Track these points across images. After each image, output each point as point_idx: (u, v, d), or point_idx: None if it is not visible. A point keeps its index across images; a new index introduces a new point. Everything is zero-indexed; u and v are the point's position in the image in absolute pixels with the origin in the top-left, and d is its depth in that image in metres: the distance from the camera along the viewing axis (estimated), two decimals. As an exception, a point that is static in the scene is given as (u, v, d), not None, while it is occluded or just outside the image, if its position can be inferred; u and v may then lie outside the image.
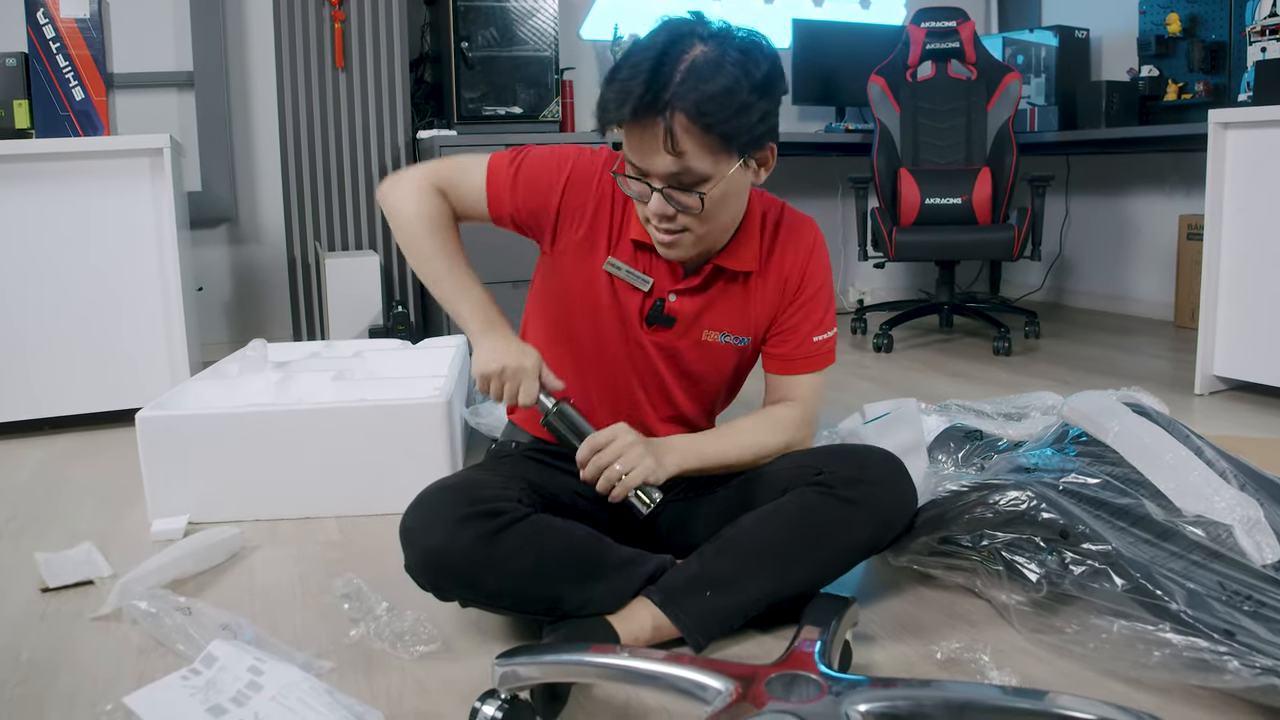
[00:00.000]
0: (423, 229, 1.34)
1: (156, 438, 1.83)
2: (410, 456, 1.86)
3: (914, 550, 1.47)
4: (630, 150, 1.23)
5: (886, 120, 3.78)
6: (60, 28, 2.57)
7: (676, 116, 1.17)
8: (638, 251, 1.38)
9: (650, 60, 1.17)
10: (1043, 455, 1.52)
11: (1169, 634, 1.17)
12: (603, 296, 1.39)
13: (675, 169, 1.21)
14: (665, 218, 1.26)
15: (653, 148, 1.20)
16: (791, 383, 1.44)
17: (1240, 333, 2.69)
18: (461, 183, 1.39)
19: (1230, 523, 1.32)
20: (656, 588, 1.27)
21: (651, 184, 1.23)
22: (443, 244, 1.35)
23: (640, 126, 1.19)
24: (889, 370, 3.22)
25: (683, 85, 1.16)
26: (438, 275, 1.35)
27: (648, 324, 1.40)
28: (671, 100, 1.16)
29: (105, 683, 1.25)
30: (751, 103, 1.19)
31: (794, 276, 1.42)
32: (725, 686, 1.00)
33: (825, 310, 1.44)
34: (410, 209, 1.35)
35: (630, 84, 1.17)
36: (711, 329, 1.41)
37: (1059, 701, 0.96)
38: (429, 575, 1.23)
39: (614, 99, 1.19)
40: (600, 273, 1.38)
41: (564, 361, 1.43)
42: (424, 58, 3.78)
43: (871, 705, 0.96)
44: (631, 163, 1.24)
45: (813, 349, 1.43)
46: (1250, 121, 2.63)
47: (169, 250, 2.62)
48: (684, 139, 1.18)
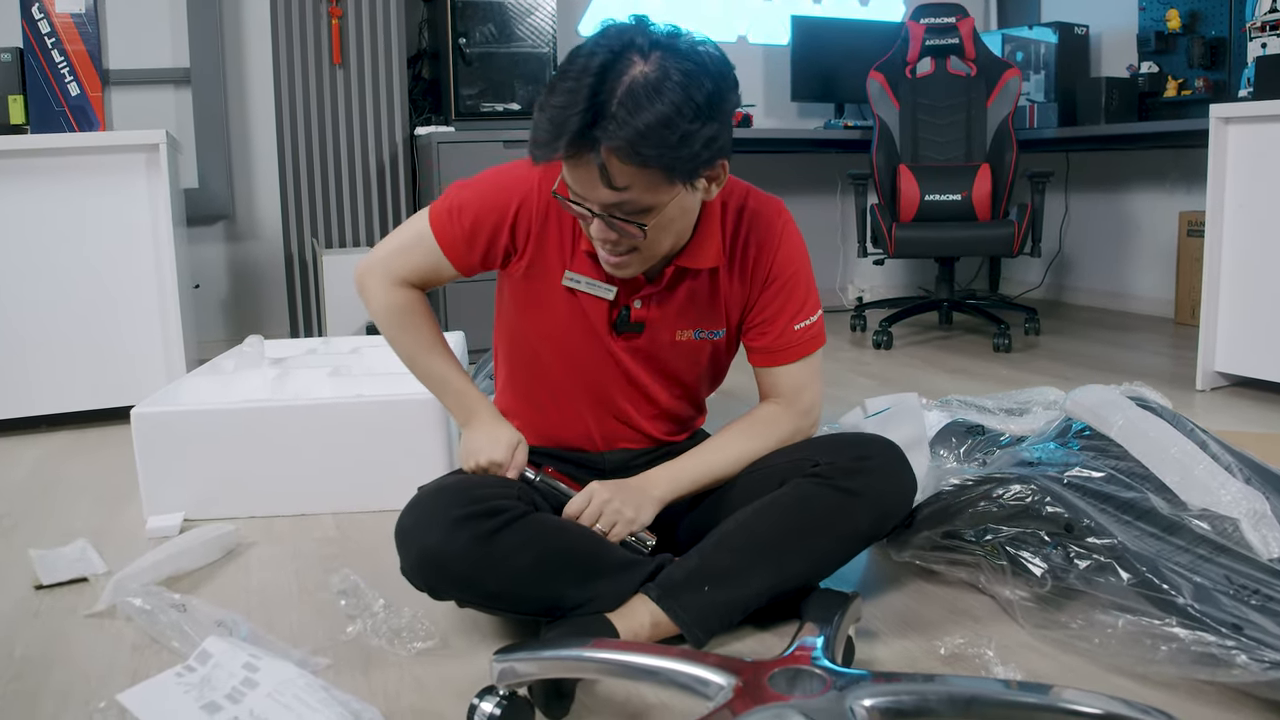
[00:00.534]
0: (394, 325, 1.39)
1: (152, 434, 1.82)
2: (407, 453, 1.84)
3: (917, 545, 1.45)
4: (569, 179, 1.17)
5: (886, 117, 3.77)
6: (56, 23, 2.55)
7: (609, 155, 1.10)
8: (594, 262, 1.32)
9: (586, 86, 1.09)
10: (1046, 449, 1.50)
11: (1176, 628, 1.15)
12: (566, 313, 1.35)
13: (615, 200, 1.15)
14: (609, 241, 1.21)
15: (590, 182, 1.14)
16: (778, 375, 1.39)
17: (1242, 328, 2.68)
18: (415, 256, 1.36)
19: (1236, 516, 1.31)
20: (655, 584, 1.25)
21: (592, 210, 1.18)
22: (415, 338, 1.39)
23: (574, 161, 1.13)
24: (889, 367, 3.21)
25: (615, 119, 1.08)
26: (417, 370, 1.42)
27: (616, 332, 1.36)
28: (601, 137, 1.09)
29: (99, 680, 1.24)
30: (693, 131, 1.10)
31: (763, 264, 1.36)
32: (727, 681, 0.99)
33: (805, 295, 1.38)
34: (379, 304, 1.39)
35: (563, 114, 1.09)
36: (684, 328, 1.37)
37: (1065, 695, 0.95)
38: (426, 576, 1.21)
39: (545, 133, 1.11)
40: (559, 290, 1.34)
41: (540, 378, 1.41)
42: (422, 54, 3.76)
43: (876, 700, 0.95)
44: (571, 190, 1.19)
45: (795, 337, 1.37)
46: (1251, 116, 2.62)
47: (165, 247, 2.60)
48: (620, 175, 1.12)
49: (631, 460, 1.44)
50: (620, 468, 1.44)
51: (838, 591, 1.24)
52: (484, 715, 1.05)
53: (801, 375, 1.40)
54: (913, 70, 3.80)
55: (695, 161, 1.14)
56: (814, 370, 1.41)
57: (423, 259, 1.36)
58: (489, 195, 1.33)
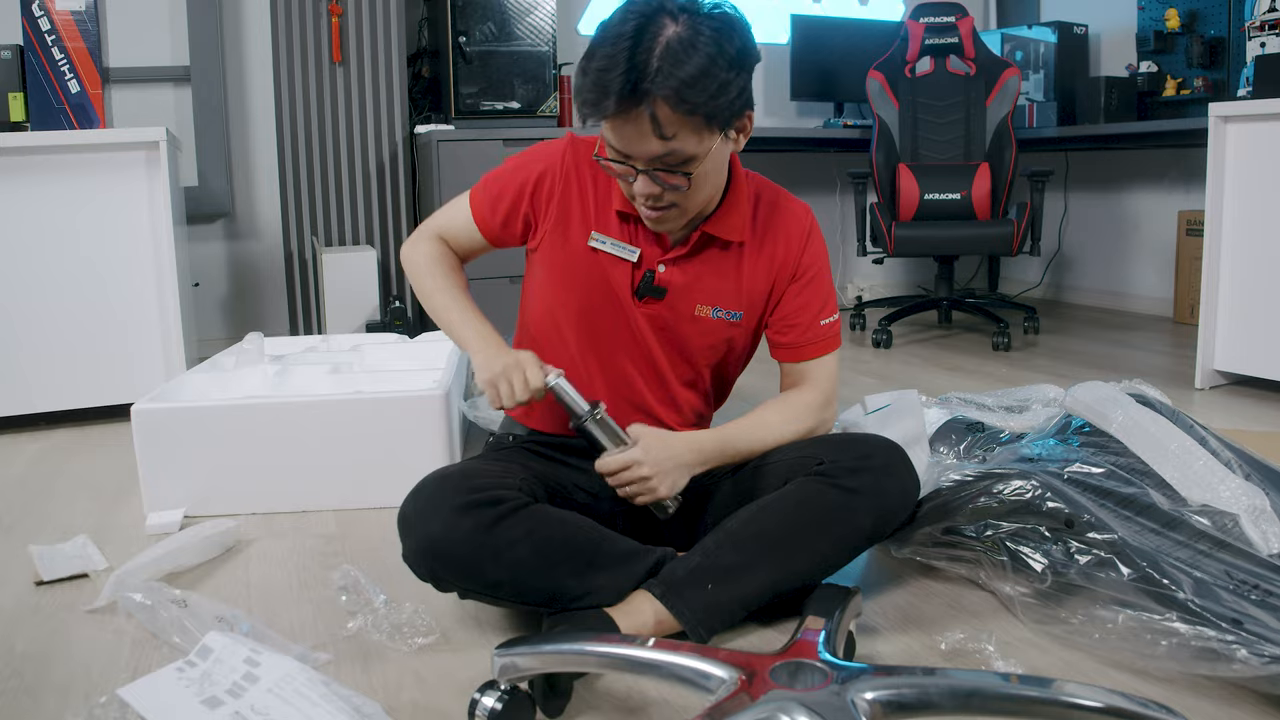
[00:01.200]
0: (427, 267, 1.46)
1: (152, 430, 1.82)
2: (408, 449, 1.84)
3: (917, 541, 1.45)
4: (614, 139, 1.24)
5: (885, 116, 3.77)
6: (56, 20, 2.55)
7: (659, 104, 1.17)
8: (623, 224, 1.39)
9: (625, 49, 1.17)
10: (1046, 446, 1.50)
11: (1176, 623, 1.16)
12: (591, 274, 1.40)
13: (662, 152, 1.22)
14: (652, 196, 1.27)
15: (638, 136, 1.20)
16: (805, 368, 1.45)
17: (1240, 327, 2.68)
18: (454, 222, 1.49)
19: (1236, 512, 1.31)
20: (658, 580, 1.25)
21: (636, 166, 1.24)
22: (444, 279, 1.45)
23: (623, 118, 1.19)
24: (888, 365, 3.21)
25: (660, 72, 1.16)
26: (441, 306, 1.43)
27: (638, 296, 1.40)
28: (652, 89, 1.17)
29: (100, 675, 1.24)
30: (729, 80, 1.20)
31: (791, 257, 1.43)
32: (729, 675, 0.99)
33: (829, 293, 1.46)
34: (418, 254, 1.47)
35: (608, 76, 1.17)
36: (704, 303, 1.41)
37: (1066, 689, 0.95)
38: (427, 564, 1.22)
39: (592, 93, 1.19)
40: (584, 251, 1.40)
41: (557, 350, 1.44)
42: (421, 53, 3.76)
43: (878, 693, 0.95)
44: (614, 148, 1.25)
45: (821, 332, 1.44)
46: (1250, 115, 2.62)
47: (165, 245, 2.60)
48: (669, 125, 1.19)
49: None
50: None
51: (839, 586, 1.24)
52: (485, 710, 1.05)
53: (825, 369, 1.46)
54: (912, 69, 3.80)
55: (731, 110, 1.22)
56: (835, 368, 1.47)
57: (453, 220, 1.48)
58: (517, 168, 1.45)
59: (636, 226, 1.39)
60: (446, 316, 1.42)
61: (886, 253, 3.53)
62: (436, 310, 1.43)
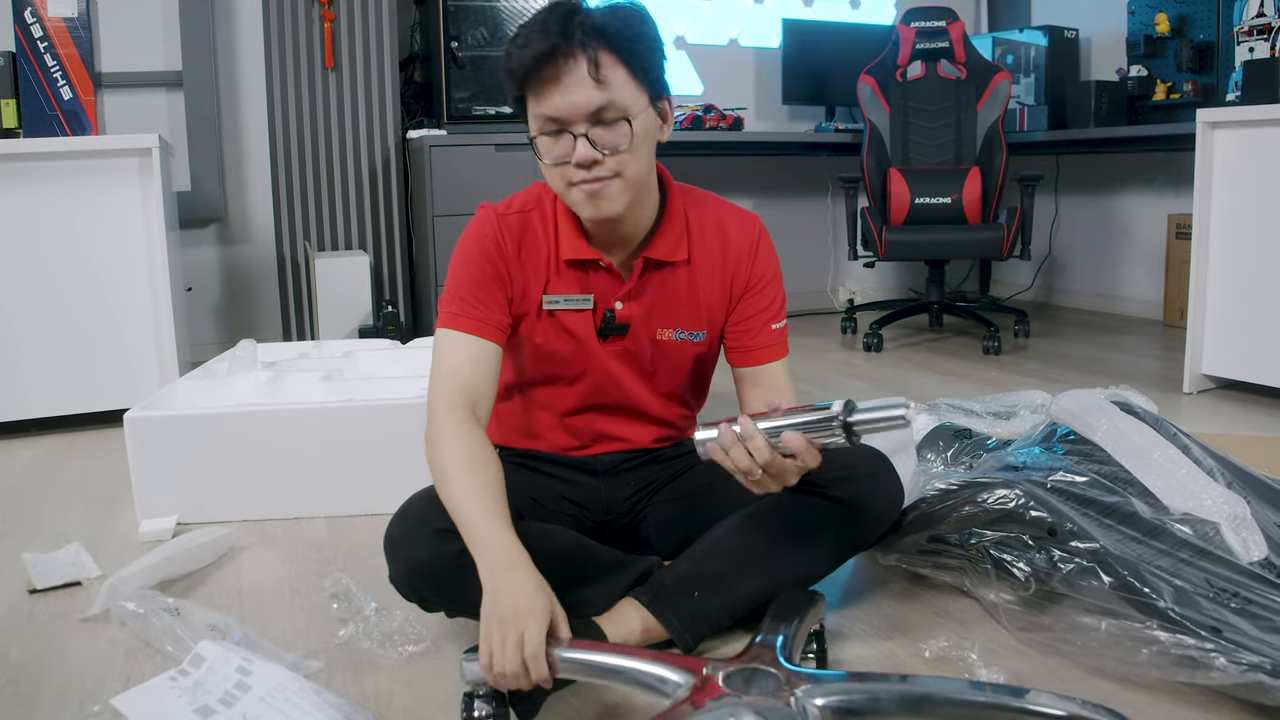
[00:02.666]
0: (453, 474, 1.19)
1: (145, 438, 1.83)
2: (399, 457, 1.84)
3: (902, 549, 1.47)
4: (548, 98, 1.20)
5: (876, 120, 3.78)
6: (48, 27, 2.56)
7: (600, 46, 1.19)
8: (573, 274, 1.35)
9: (558, 11, 1.20)
10: (1031, 454, 1.52)
11: (1157, 631, 1.17)
12: (553, 336, 1.37)
13: (601, 103, 1.20)
14: (590, 165, 1.22)
15: (575, 84, 1.19)
16: (768, 372, 1.41)
17: (1229, 332, 2.70)
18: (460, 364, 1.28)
19: (1217, 520, 1.33)
20: (645, 589, 1.27)
21: (574, 130, 1.21)
22: (468, 482, 1.18)
23: (559, 67, 1.19)
24: (879, 369, 3.23)
25: (601, 19, 1.20)
26: (462, 514, 1.17)
27: (602, 338, 1.38)
28: (592, 31, 1.19)
29: (93, 684, 1.25)
30: (657, 41, 1.25)
31: (743, 270, 1.40)
32: (685, 680, 1.01)
33: (779, 302, 1.42)
34: (442, 456, 1.21)
35: (546, 28, 1.19)
36: (664, 327, 1.39)
37: (1028, 697, 0.97)
38: (413, 587, 1.23)
39: (530, 46, 1.19)
40: (542, 319, 1.36)
41: (535, 408, 1.43)
42: (414, 57, 3.77)
43: (828, 699, 0.97)
44: (548, 118, 1.22)
45: (772, 336, 1.41)
46: (1238, 121, 2.64)
47: (158, 250, 2.61)
48: (607, 69, 1.20)
49: (621, 463, 1.45)
50: (611, 469, 1.45)
51: (803, 593, 1.25)
52: (480, 709, 1.07)
53: (783, 376, 1.42)
54: (903, 73, 3.82)
55: (659, 68, 1.26)
56: (789, 376, 1.43)
57: (455, 362, 1.28)
58: (468, 256, 1.34)
59: (586, 275, 1.36)
60: (466, 533, 1.16)
61: (877, 257, 3.55)
62: (460, 522, 1.17)
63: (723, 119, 3.94)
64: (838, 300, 4.67)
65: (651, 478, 1.46)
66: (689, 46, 4.24)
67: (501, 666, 1.02)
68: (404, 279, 3.68)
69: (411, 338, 3.03)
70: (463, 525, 1.15)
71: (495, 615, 1.05)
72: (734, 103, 4.17)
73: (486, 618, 1.05)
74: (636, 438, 1.45)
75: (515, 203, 1.38)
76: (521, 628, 1.02)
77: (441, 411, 1.24)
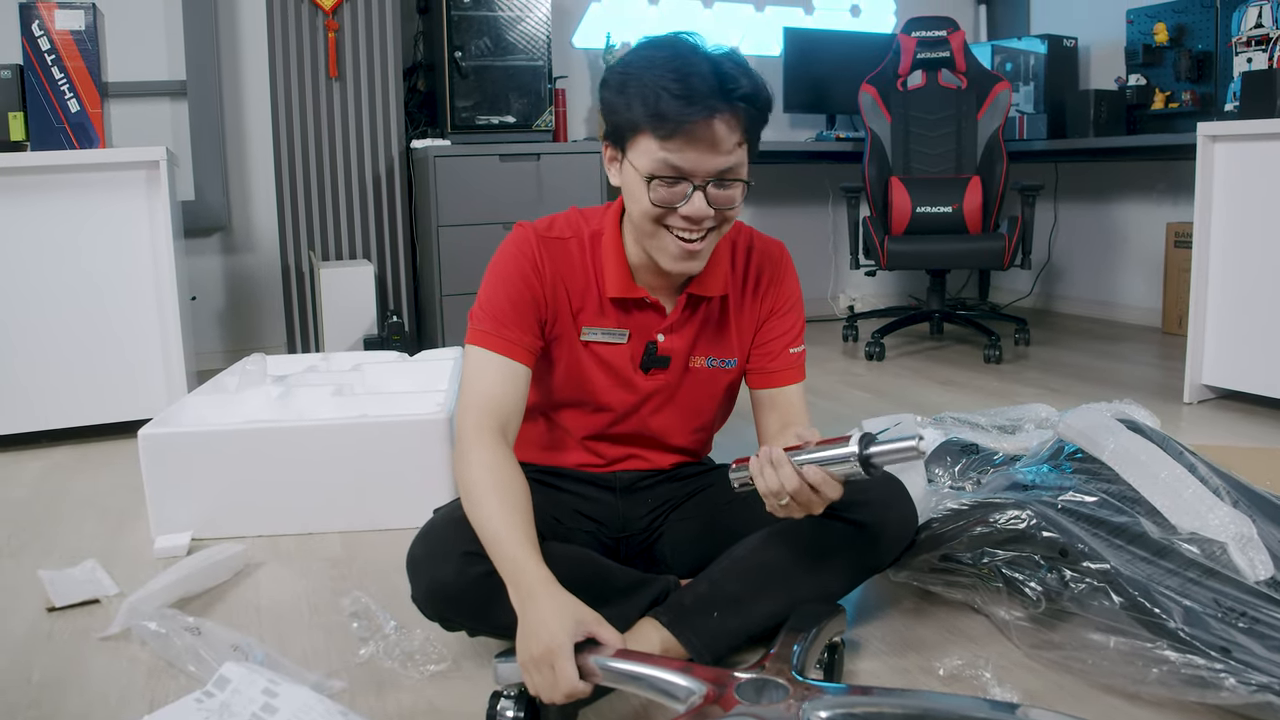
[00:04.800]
0: (480, 495, 1.21)
1: (159, 454, 1.84)
2: (412, 472, 1.87)
3: (914, 567, 1.49)
4: (686, 152, 1.20)
5: (877, 129, 3.81)
6: (56, 39, 2.57)
7: (746, 116, 1.21)
8: (611, 312, 1.37)
9: (700, 59, 1.19)
10: (1039, 472, 1.54)
11: (1166, 651, 1.19)
12: (592, 366, 1.38)
13: (728, 165, 1.22)
14: (698, 221, 1.25)
15: (713, 144, 1.20)
16: (785, 396, 1.42)
17: (1229, 343, 2.73)
18: (490, 383, 1.28)
19: (1224, 540, 1.34)
20: (664, 608, 1.28)
21: (695, 181, 1.22)
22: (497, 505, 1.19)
23: (711, 129, 1.19)
24: (881, 378, 3.25)
25: (750, 87, 1.20)
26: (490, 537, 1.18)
27: (644, 370, 1.40)
28: (743, 100, 1.19)
29: (117, 704, 1.26)
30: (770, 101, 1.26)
31: (770, 296, 1.43)
32: (697, 688, 1.04)
33: (799, 327, 1.45)
34: (470, 477, 1.22)
35: (692, 82, 1.17)
36: (698, 356, 1.42)
37: (1030, 715, 0.99)
38: (436, 608, 1.24)
39: (690, 101, 1.17)
40: (579, 347, 1.37)
41: (564, 437, 1.45)
42: (417, 67, 3.78)
43: (832, 712, 1.00)
44: (674, 166, 1.21)
45: (791, 360, 1.43)
46: (1238, 135, 2.67)
47: (165, 262, 2.62)
48: (743, 132, 1.22)
49: (640, 480, 1.47)
50: (629, 486, 1.47)
51: (824, 605, 1.28)
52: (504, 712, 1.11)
53: (799, 401, 1.44)
54: (904, 83, 3.84)
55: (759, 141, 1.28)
56: (805, 402, 1.45)
57: (485, 381, 1.28)
58: (505, 273, 1.33)
59: (630, 309, 1.37)
60: (494, 553, 1.18)
61: (880, 266, 3.57)
62: (487, 543, 1.19)
63: (724, 128, 3.95)
64: (838, 308, 4.69)
65: (669, 495, 1.48)
66: (690, 55, 4.25)
67: (548, 699, 1.07)
68: (408, 288, 3.69)
69: (417, 348, 3.04)
70: (491, 546, 1.17)
71: (527, 650, 1.08)
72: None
73: (520, 650, 1.09)
74: (657, 460, 1.47)
75: (555, 227, 1.38)
76: (551, 663, 1.06)
77: (470, 432, 1.25)
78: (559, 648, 1.06)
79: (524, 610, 1.11)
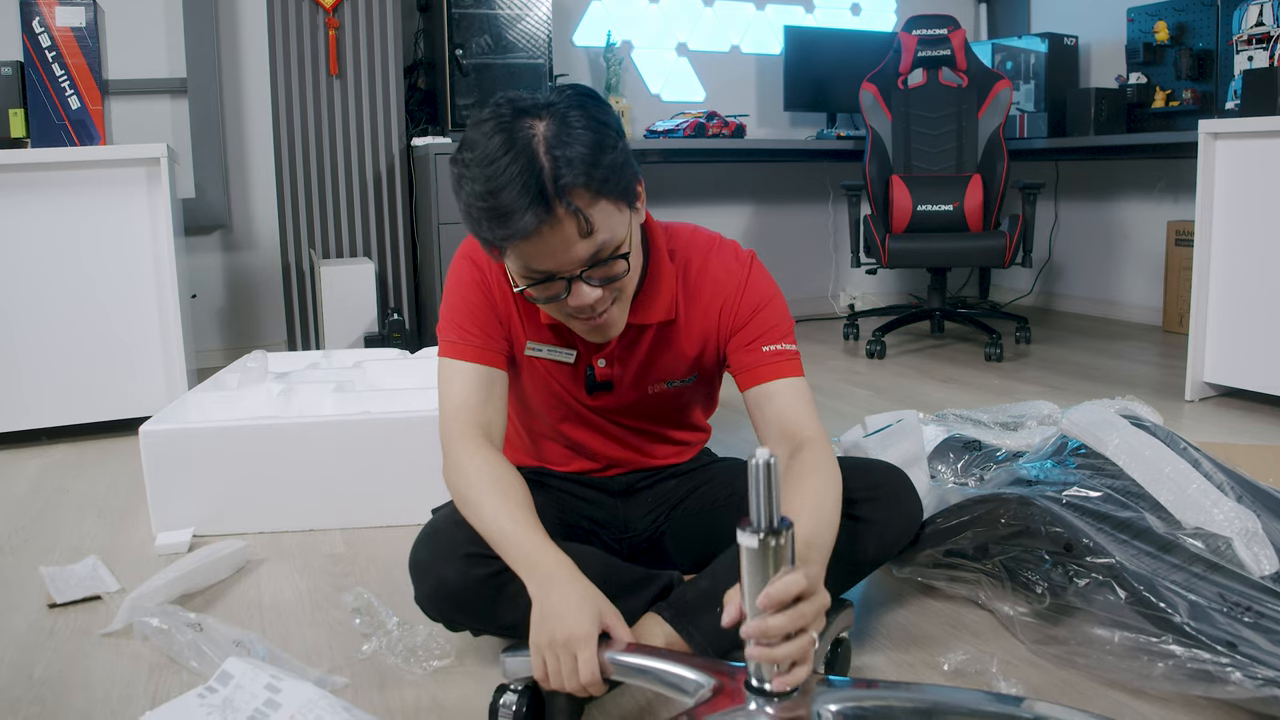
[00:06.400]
0: (476, 499, 1.20)
1: (160, 451, 1.84)
2: (415, 468, 1.86)
3: (918, 563, 1.49)
4: (533, 259, 1.12)
5: (878, 127, 3.80)
6: (56, 36, 2.56)
7: (576, 197, 1.08)
8: (553, 332, 1.34)
9: (506, 163, 1.07)
10: (1043, 467, 1.54)
11: (1172, 645, 1.19)
12: (542, 376, 1.37)
13: (592, 251, 1.12)
14: (591, 303, 1.17)
15: (563, 244, 1.10)
16: (771, 392, 1.30)
17: (1230, 340, 2.73)
18: (467, 393, 1.28)
19: (1229, 535, 1.34)
20: (668, 604, 1.28)
21: (569, 277, 1.14)
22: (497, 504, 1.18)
23: (543, 236, 1.09)
24: (882, 376, 3.25)
25: (559, 165, 1.07)
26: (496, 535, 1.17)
27: (589, 393, 1.38)
28: (561, 185, 1.07)
29: (120, 700, 1.26)
30: (620, 148, 1.12)
31: (730, 307, 1.33)
32: (706, 681, 1.03)
33: (777, 323, 1.33)
34: (463, 484, 1.22)
35: (505, 197, 1.06)
36: (655, 381, 1.37)
37: (1035, 709, 0.99)
38: (441, 610, 1.24)
39: (497, 223, 1.08)
40: (529, 361, 1.36)
41: (537, 424, 1.44)
42: (418, 65, 3.78)
43: (842, 705, 1.00)
44: (535, 271, 1.14)
45: (772, 355, 1.31)
46: (1239, 132, 2.66)
47: (165, 259, 2.62)
48: (594, 215, 1.10)
49: (639, 481, 1.47)
50: (628, 488, 1.47)
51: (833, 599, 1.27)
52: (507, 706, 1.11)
53: (796, 392, 1.31)
54: (905, 81, 3.84)
55: (633, 179, 1.16)
56: (806, 392, 1.32)
57: (463, 392, 1.27)
58: (460, 282, 1.33)
59: (567, 331, 1.32)
60: (503, 549, 1.17)
61: (881, 264, 3.57)
62: (495, 540, 1.18)
63: (725, 126, 3.95)
64: (839, 306, 4.69)
65: (669, 495, 1.48)
66: (691, 54, 4.26)
67: (559, 685, 1.06)
68: (409, 286, 3.69)
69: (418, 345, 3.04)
70: (499, 542, 1.16)
71: (546, 633, 1.07)
72: (736, 110, 4.19)
73: (536, 632, 1.08)
74: (648, 459, 1.47)
75: None
76: (575, 651, 1.05)
77: (456, 442, 1.24)
78: (584, 636, 1.05)
79: (545, 594, 1.09)
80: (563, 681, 1.06)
